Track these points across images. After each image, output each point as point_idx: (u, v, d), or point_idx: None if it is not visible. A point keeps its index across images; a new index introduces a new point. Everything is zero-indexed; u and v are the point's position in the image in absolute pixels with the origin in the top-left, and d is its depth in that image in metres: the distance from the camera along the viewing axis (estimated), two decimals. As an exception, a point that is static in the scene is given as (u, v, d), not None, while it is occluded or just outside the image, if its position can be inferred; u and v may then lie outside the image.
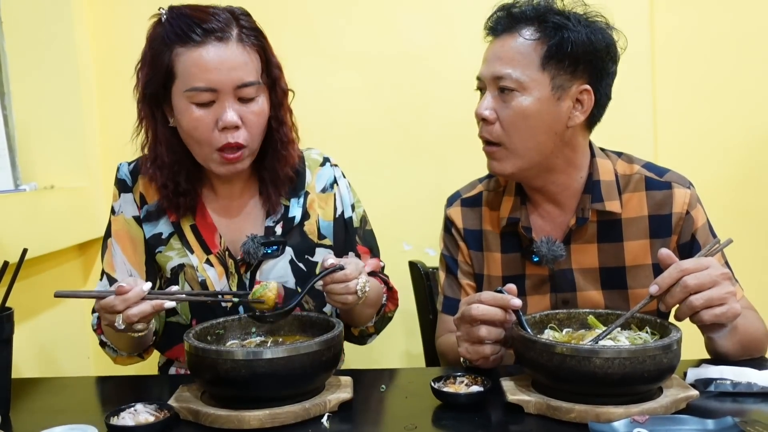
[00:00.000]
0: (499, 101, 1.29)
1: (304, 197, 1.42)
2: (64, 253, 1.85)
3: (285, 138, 1.36)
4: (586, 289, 1.35)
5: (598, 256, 1.35)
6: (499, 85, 1.29)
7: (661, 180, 1.34)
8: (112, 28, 2.02)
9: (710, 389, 1.10)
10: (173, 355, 1.44)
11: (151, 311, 1.11)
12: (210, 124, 1.25)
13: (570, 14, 1.28)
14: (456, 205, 1.47)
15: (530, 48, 1.27)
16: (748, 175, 2.08)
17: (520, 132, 1.28)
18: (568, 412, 1.00)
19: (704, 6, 2.04)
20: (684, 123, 2.06)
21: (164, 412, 1.02)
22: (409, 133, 2.08)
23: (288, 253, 1.38)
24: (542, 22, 1.27)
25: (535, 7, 1.29)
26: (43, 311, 1.74)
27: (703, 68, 2.05)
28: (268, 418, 1.01)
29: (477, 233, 1.44)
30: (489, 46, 1.34)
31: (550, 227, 1.37)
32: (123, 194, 1.40)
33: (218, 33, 1.23)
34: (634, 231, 1.33)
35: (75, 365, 1.84)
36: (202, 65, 1.22)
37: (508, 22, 1.30)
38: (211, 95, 1.24)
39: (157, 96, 1.29)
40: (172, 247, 1.38)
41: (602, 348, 0.99)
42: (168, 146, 1.31)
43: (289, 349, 1.02)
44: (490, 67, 1.31)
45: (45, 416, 1.11)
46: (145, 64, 1.29)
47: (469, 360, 1.20)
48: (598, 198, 1.32)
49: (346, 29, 2.06)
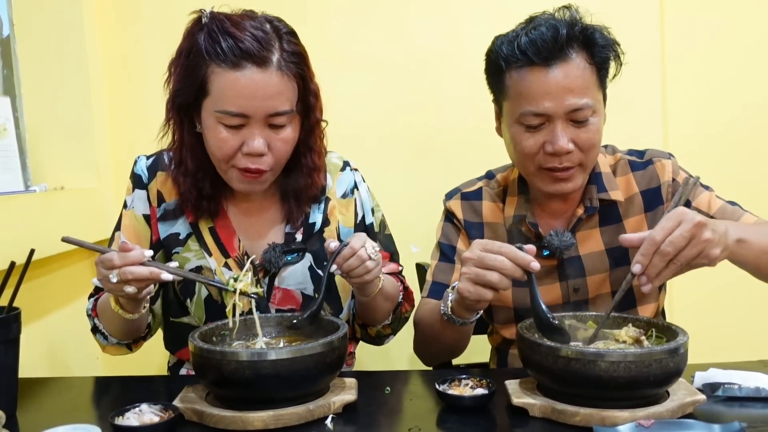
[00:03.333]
0: (572, 129, 1.28)
1: (324, 203, 1.40)
2: (74, 254, 1.86)
3: (312, 165, 1.33)
4: (596, 273, 1.39)
5: (602, 239, 1.39)
6: (577, 117, 1.27)
7: (643, 161, 1.42)
8: (122, 31, 2.03)
9: (718, 394, 1.10)
10: (184, 355, 1.43)
11: (147, 275, 1.10)
12: (235, 146, 1.22)
13: (602, 28, 1.30)
14: (456, 198, 1.49)
15: (589, 72, 1.28)
16: (759, 176, 2.06)
17: (595, 149, 1.32)
18: (573, 415, 0.99)
19: (715, 7, 2.02)
20: (694, 124, 2.05)
21: (169, 412, 1.02)
22: (418, 136, 2.08)
23: (307, 259, 1.37)
24: (590, 45, 1.28)
25: (582, 28, 1.28)
26: (53, 312, 1.75)
27: (713, 69, 2.03)
28: (271, 419, 1.01)
29: (478, 225, 1.45)
30: (542, 76, 1.26)
31: (555, 220, 1.41)
32: (137, 190, 1.38)
33: (257, 57, 1.18)
34: (630, 209, 1.40)
35: (83, 366, 1.85)
36: (237, 90, 1.18)
37: (557, 47, 1.25)
38: (241, 120, 1.20)
39: (188, 105, 1.26)
40: (189, 248, 1.36)
41: (608, 351, 0.99)
42: (193, 152, 1.29)
43: (294, 351, 1.02)
44: (562, 101, 1.25)
45: (51, 415, 1.12)
46: (178, 67, 1.24)
47: (467, 299, 1.16)
48: (602, 188, 1.38)
49: (357, 33, 2.06)
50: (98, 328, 1.33)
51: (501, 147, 1.66)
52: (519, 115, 1.29)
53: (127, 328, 1.30)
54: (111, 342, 1.34)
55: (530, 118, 1.28)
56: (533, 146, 1.29)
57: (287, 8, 2.01)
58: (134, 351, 1.40)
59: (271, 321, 1.23)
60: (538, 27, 1.27)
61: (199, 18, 1.23)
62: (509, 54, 1.28)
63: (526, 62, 1.26)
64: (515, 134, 1.31)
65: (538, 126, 1.28)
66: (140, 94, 2.03)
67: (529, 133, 1.29)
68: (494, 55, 1.32)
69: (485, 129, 2.08)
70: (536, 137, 1.29)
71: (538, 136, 1.29)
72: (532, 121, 1.28)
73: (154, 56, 1.83)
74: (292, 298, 1.36)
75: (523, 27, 1.30)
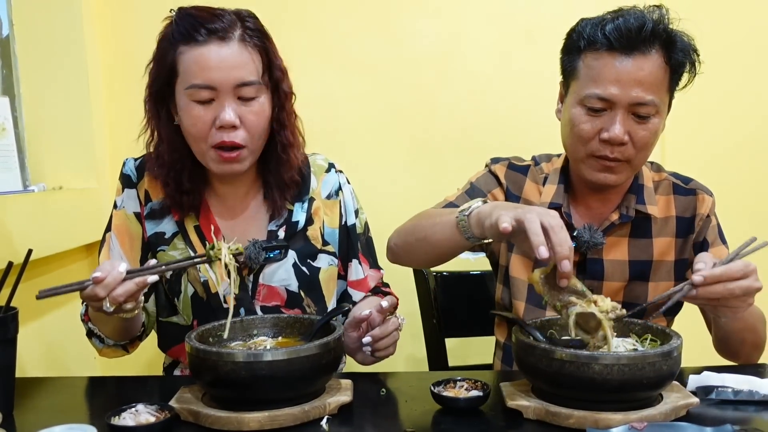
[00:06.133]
0: (631, 122, 1.28)
1: (308, 203, 1.42)
2: (72, 254, 1.86)
3: (286, 141, 1.36)
4: (613, 280, 1.39)
5: (628, 250, 1.39)
6: (639, 112, 1.27)
7: (687, 187, 1.43)
8: (121, 31, 2.04)
9: (711, 397, 1.10)
10: (174, 354, 1.45)
11: (135, 289, 1.11)
12: (208, 122, 1.26)
13: (686, 35, 1.31)
14: (503, 165, 1.50)
15: (663, 71, 1.28)
16: (755, 179, 2.07)
17: (648, 149, 1.32)
18: (567, 417, 1.00)
19: (713, 9, 2.03)
20: (691, 127, 2.05)
21: (165, 413, 1.03)
22: (414, 138, 2.09)
23: (291, 256, 1.39)
24: (671, 44, 1.28)
25: (666, 28, 1.28)
26: (51, 311, 1.75)
27: (710, 71, 2.03)
28: (267, 420, 1.02)
29: (516, 198, 1.46)
30: (617, 63, 1.26)
31: (589, 217, 1.41)
32: (127, 189, 1.41)
33: (221, 33, 1.25)
34: (662, 229, 1.40)
35: (81, 366, 1.85)
36: (203, 63, 1.24)
37: (640, 38, 1.25)
38: (210, 93, 1.25)
39: (163, 94, 1.31)
40: (175, 246, 1.38)
41: (601, 354, 0.99)
42: (170, 144, 1.32)
43: (290, 352, 1.03)
44: (628, 91, 1.26)
45: (48, 415, 1.12)
46: (152, 62, 1.32)
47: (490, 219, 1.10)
48: (641, 201, 1.39)
49: (353, 35, 2.07)
50: (93, 332, 1.34)
51: (499, 147, 1.66)
52: (584, 97, 1.29)
53: (122, 327, 1.30)
54: (108, 344, 1.35)
55: (594, 101, 1.28)
56: (590, 131, 1.29)
57: (284, 12, 2.04)
58: (131, 352, 1.41)
59: (267, 321, 1.24)
60: (625, 15, 1.27)
61: (171, 19, 1.30)
62: (591, 35, 1.28)
63: (606, 46, 1.26)
64: (575, 116, 1.31)
65: (599, 111, 1.28)
66: (139, 94, 1.98)
67: (589, 116, 1.29)
68: (576, 35, 1.32)
69: (483, 129, 2.11)
70: (595, 122, 1.29)
71: (596, 121, 1.29)
72: (596, 104, 1.28)
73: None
74: (277, 295, 1.38)
75: (611, 13, 1.30)
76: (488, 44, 2.08)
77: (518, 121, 2.08)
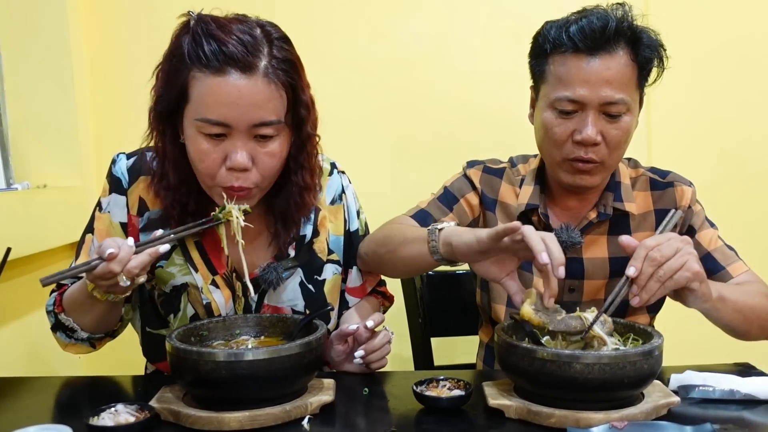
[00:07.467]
0: (603, 122, 1.29)
1: (315, 214, 1.35)
2: (56, 252, 1.85)
3: (303, 183, 1.25)
4: (594, 278, 1.40)
5: (607, 247, 1.40)
6: (610, 111, 1.28)
7: (664, 181, 1.43)
8: (106, 27, 2.02)
9: (692, 396, 1.10)
10: (165, 368, 1.34)
11: (149, 260, 1.08)
12: (218, 160, 1.14)
13: (651, 31, 1.31)
14: (478, 169, 1.49)
15: (630, 69, 1.29)
16: (741, 177, 2.08)
17: (621, 149, 1.33)
18: (548, 416, 1.00)
19: (698, 7, 2.05)
20: (677, 124, 2.07)
21: (145, 412, 1.02)
22: (403, 137, 2.09)
23: (298, 274, 1.33)
24: (637, 42, 1.28)
25: (630, 25, 1.28)
26: (35, 310, 1.73)
27: (696, 70, 2.05)
28: (247, 419, 1.01)
29: (492, 201, 1.46)
30: (584, 64, 1.27)
31: (566, 217, 1.41)
32: (114, 194, 1.29)
33: (242, 62, 1.09)
34: (641, 224, 1.40)
35: (65, 365, 1.84)
36: (219, 97, 1.10)
37: (604, 38, 1.26)
38: (222, 129, 1.12)
39: (170, 112, 1.18)
40: (174, 262, 1.28)
41: (583, 353, 0.99)
42: (176, 165, 1.21)
43: (270, 351, 1.02)
44: (597, 91, 1.26)
45: (27, 415, 1.11)
46: (162, 72, 1.17)
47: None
48: (618, 198, 1.39)
49: (340, 34, 2.06)
50: (62, 325, 1.25)
51: (486, 148, 1.67)
52: (554, 100, 1.29)
53: (106, 316, 1.23)
54: (79, 336, 1.25)
55: (564, 104, 1.28)
56: (563, 133, 1.30)
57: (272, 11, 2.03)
58: (98, 348, 1.32)
59: (250, 321, 1.23)
60: (588, 16, 1.28)
61: (187, 21, 1.15)
62: (556, 38, 1.29)
63: (571, 48, 1.27)
64: (547, 119, 1.31)
65: (570, 113, 1.29)
66: (124, 91, 2.02)
67: (561, 119, 1.30)
68: (541, 38, 1.33)
69: (470, 129, 2.11)
70: (567, 124, 1.29)
71: (569, 123, 1.29)
72: (566, 106, 1.28)
73: (139, 54, 1.84)
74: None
75: (575, 14, 1.31)
76: (475, 44, 2.08)
77: (505, 120, 2.07)
